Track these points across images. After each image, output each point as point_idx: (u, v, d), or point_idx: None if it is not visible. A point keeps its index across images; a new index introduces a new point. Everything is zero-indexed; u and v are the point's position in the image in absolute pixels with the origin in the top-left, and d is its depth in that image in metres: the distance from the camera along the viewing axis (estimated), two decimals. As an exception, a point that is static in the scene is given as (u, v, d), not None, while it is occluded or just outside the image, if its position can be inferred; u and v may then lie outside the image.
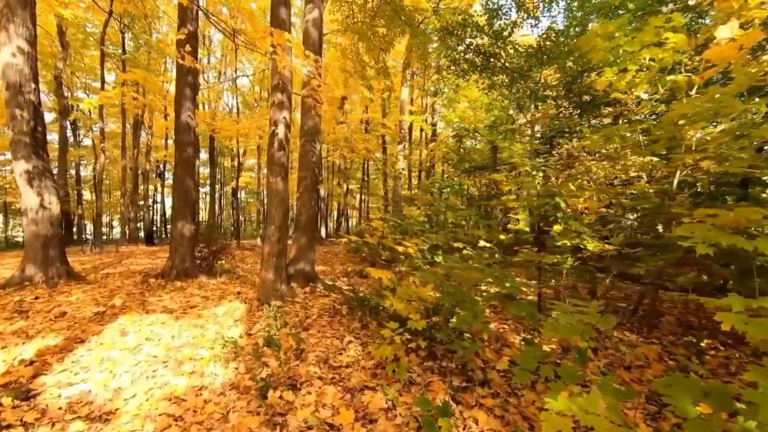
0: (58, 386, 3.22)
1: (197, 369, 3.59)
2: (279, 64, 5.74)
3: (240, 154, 25.33)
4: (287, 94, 6.26)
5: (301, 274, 7.37)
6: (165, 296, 6.63)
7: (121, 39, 21.29)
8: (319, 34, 7.70)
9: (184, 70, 8.27)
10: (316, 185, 7.96)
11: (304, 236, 7.67)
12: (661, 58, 4.10)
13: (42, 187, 7.42)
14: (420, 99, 24.69)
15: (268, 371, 3.43)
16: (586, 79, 11.37)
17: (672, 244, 4.37)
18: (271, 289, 6.05)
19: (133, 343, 4.22)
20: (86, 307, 5.71)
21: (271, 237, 6.16)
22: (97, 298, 6.39)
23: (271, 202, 6.31)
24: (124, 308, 5.76)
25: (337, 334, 4.53)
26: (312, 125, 7.73)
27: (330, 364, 3.64)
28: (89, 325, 4.85)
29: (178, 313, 5.53)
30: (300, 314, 5.33)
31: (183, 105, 8.34)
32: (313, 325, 4.85)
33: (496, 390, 3.12)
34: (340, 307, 5.68)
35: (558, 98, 7.60)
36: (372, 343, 4.19)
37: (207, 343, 4.23)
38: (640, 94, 4.77)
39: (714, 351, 4.32)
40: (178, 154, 8.40)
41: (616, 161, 5.96)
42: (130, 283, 7.92)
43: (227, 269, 9.17)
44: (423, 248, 5.96)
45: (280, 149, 6.20)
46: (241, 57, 24.22)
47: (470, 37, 11.31)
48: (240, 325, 4.91)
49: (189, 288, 7.37)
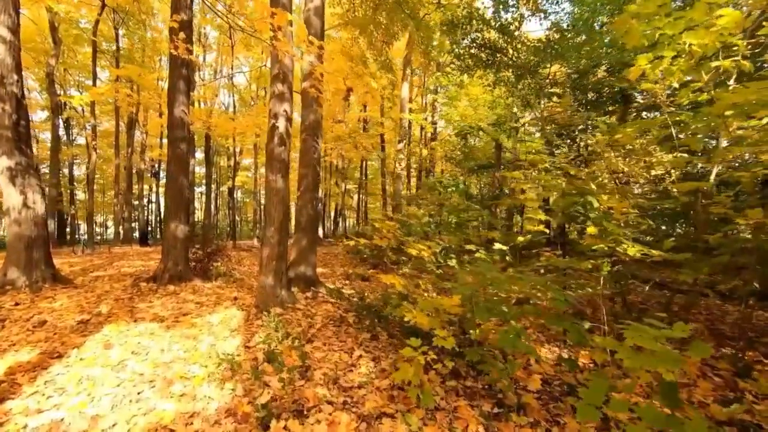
0: (25, 414, 2.78)
1: (188, 390, 3.15)
2: (280, 51, 5.30)
3: (236, 153, 24.82)
4: (288, 85, 5.82)
5: (302, 278, 6.93)
6: (156, 302, 6.18)
7: (115, 35, 20.79)
8: (321, 24, 7.27)
9: (177, 62, 7.82)
10: (317, 183, 7.53)
11: (305, 238, 7.22)
12: (705, 43, 3.71)
13: (25, 185, 6.95)
14: (420, 98, 24.28)
15: (270, 393, 3.00)
16: (591, 77, 11.04)
17: (715, 248, 3.99)
18: (271, 295, 5.61)
19: (117, 358, 3.77)
20: (69, 315, 5.25)
21: (271, 239, 5.72)
22: (82, 305, 5.92)
23: (270, 201, 5.86)
24: (111, 316, 5.30)
25: (344, 346, 4.09)
26: (313, 119, 7.29)
27: (340, 385, 3.20)
28: (70, 336, 4.40)
29: (170, 321, 5.08)
30: (303, 323, 4.89)
31: (176, 99, 7.88)
32: (317, 336, 4.41)
33: (534, 417, 2.70)
34: (346, 314, 5.25)
35: (564, 95, 7.21)
36: (385, 358, 3.77)
37: (200, 357, 3.79)
38: (673, 83, 4.38)
39: (760, 365, 3.92)
40: (171, 151, 7.93)
41: (641, 158, 5.58)
42: (120, 287, 7.45)
43: (223, 272, 8.72)
44: (435, 251, 5.55)
45: (280, 144, 5.76)
46: (237, 53, 23.72)
47: (476, 31, 10.90)
48: (237, 336, 4.47)
49: (182, 293, 6.92)
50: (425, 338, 2.99)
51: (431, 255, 5.11)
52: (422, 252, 4.77)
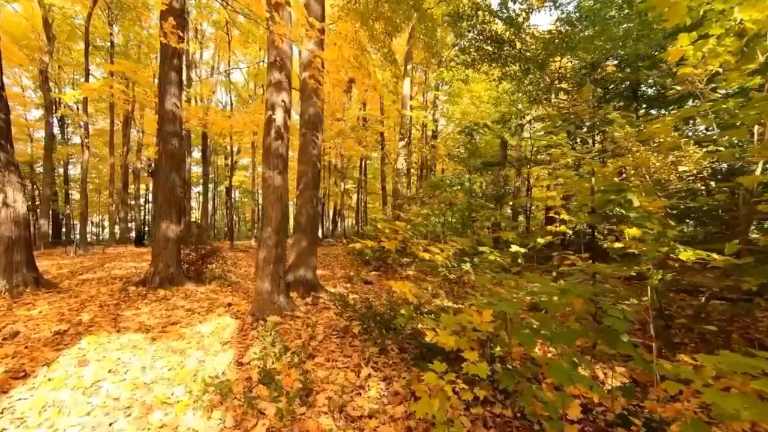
0: (-30, 453, 2.32)
1: (170, 420, 2.68)
2: (277, 35, 4.84)
3: (233, 152, 24.34)
4: (286, 73, 5.34)
5: (302, 282, 6.45)
6: (144, 309, 5.71)
7: (109, 31, 20.30)
8: (322, 9, 6.79)
9: (168, 52, 7.35)
10: (317, 181, 7.05)
11: (304, 239, 6.75)
12: (760, 19, 3.26)
13: (5, 182, 6.48)
14: (421, 96, 23.82)
15: (265, 425, 2.54)
16: (600, 72, 10.61)
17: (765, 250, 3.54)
18: (268, 302, 5.14)
19: (91, 377, 3.30)
20: (46, 325, 4.78)
21: (268, 241, 5.25)
22: (63, 312, 5.45)
23: (267, 199, 5.39)
24: (92, 325, 4.83)
25: (350, 363, 3.62)
26: (313, 113, 6.82)
27: (347, 413, 2.74)
28: (42, 350, 3.92)
29: (156, 331, 4.61)
30: (303, 334, 4.42)
31: (167, 91, 7.40)
32: (319, 350, 3.94)
33: (583, 458, 2.25)
34: (350, 323, 4.78)
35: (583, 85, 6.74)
36: (397, 377, 3.30)
37: (186, 377, 3.32)
38: (716, 67, 3.93)
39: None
40: (162, 146, 7.45)
41: (668, 152, 5.13)
42: (107, 291, 6.98)
43: (218, 275, 8.24)
44: (449, 254, 5.09)
45: (278, 138, 5.29)
46: (235, 49, 23.24)
47: (482, 23, 10.44)
48: (229, 349, 4.00)
49: (173, 298, 6.45)
50: (446, 357, 2.53)
51: (446, 258, 4.65)
52: (436, 255, 4.31)
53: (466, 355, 2.23)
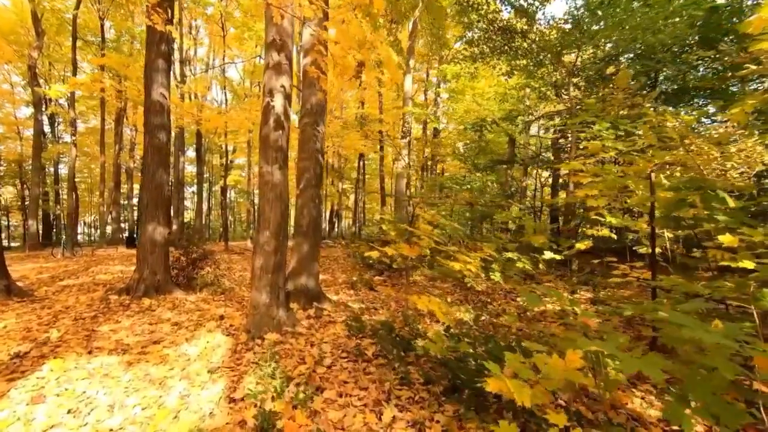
0: None
1: (136, 490, 2.02)
2: (275, 9, 4.17)
3: (229, 152, 23.61)
4: (287, 54, 4.67)
5: (303, 291, 5.77)
6: (124, 322, 5.02)
7: (100, 26, 19.55)
8: (325, -12, 6.13)
9: (155, 36, 6.66)
10: (320, 178, 6.38)
11: (306, 242, 6.06)
12: None
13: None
14: (421, 95, 23.20)
15: (264, 502, 1.87)
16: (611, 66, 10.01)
17: None
18: (265, 317, 4.47)
19: (43, 421, 2.62)
20: (6, 345, 4.08)
21: (265, 246, 4.57)
22: (30, 327, 4.76)
23: (265, 198, 4.70)
24: (61, 345, 4.14)
25: (368, 398, 2.95)
26: (315, 102, 6.15)
27: (372, 480, 2.08)
28: (-8, 380, 3.24)
29: (135, 353, 3.93)
30: (307, 357, 3.75)
31: (154, 80, 6.71)
32: (329, 380, 3.27)
33: None
34: (362, 342, 4.12)
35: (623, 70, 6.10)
36: (430, 420, 2.63)
37: (164, 420, 2.64)
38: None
39: None
40: (147, 140, 6.76)
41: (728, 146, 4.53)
42: (86, 300, 6.28)
43: (210, 281, 7.54)
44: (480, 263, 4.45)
45: (277, 127, 4.61)
46: (230, 45, 22.51)
47: (493, 12, 9.80)
48: (219, 379, 3.32)
49: (159, 308, 5.76)
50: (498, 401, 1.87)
51: (479, 268, 4.01)
52: (469, 265, 3.67)
53: (551, 418, 1.58)
